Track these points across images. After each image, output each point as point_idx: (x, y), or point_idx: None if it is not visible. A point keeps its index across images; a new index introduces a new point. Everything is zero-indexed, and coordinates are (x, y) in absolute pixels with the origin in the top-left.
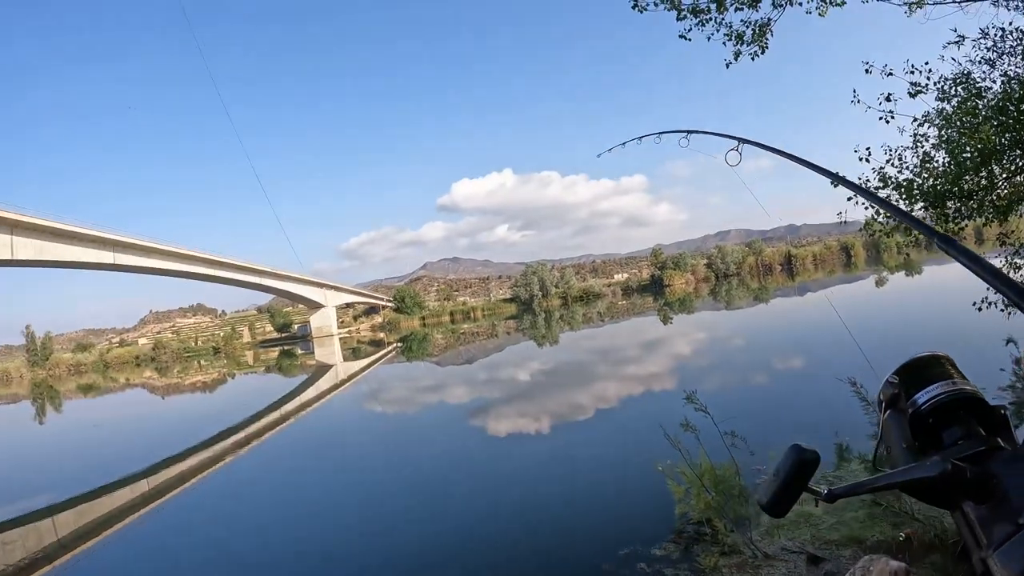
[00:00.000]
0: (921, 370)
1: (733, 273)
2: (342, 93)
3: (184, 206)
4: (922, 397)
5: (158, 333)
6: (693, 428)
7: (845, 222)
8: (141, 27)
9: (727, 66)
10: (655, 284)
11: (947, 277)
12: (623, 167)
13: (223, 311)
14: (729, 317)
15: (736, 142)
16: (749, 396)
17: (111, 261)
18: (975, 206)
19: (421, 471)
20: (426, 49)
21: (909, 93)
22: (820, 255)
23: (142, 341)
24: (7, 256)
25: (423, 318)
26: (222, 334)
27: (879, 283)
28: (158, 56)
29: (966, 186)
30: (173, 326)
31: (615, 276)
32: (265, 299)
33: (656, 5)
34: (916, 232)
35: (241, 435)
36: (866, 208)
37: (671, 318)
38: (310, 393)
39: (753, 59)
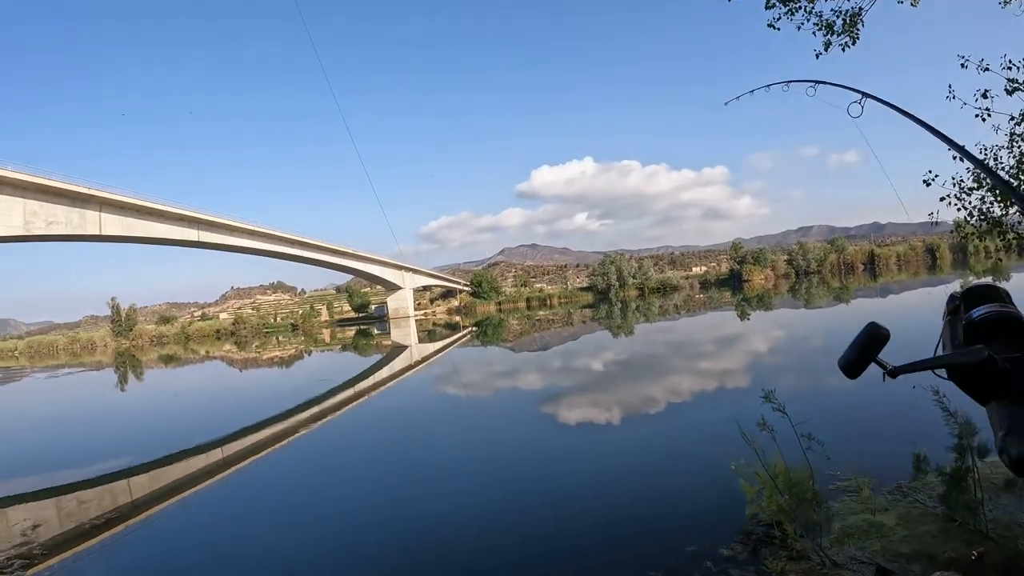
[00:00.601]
0: (981, 292)
1: (814, 271)
2: (429, 73)
3: (274, 183)
4: (977, 312)
5: (238, 308)
6: (769, 428)
7: (936, 223)
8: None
9: (816, 57)
10: (734, 279)
11: None
12: (705, 158)
13: (302, 289)
14: (809, 316)
15: (860, 96)
16: (827, 399)
17: (195, 239)
18: None
19: (490, 457)
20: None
21: (1006, 90)
22: (904, 256)
23: (223, 316)
24: (96, 232)
25: (499, 303)
26: (300, 311)
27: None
28: (265, 41)
29: None
30: (253, 302)
31: (693, 269)
32: (344, 279)
33: None
34: (1010, 236)
35: (315, 410)
36: (958, 209)
37: (749, 314)
38: (384, 373)
39: (844, 50)
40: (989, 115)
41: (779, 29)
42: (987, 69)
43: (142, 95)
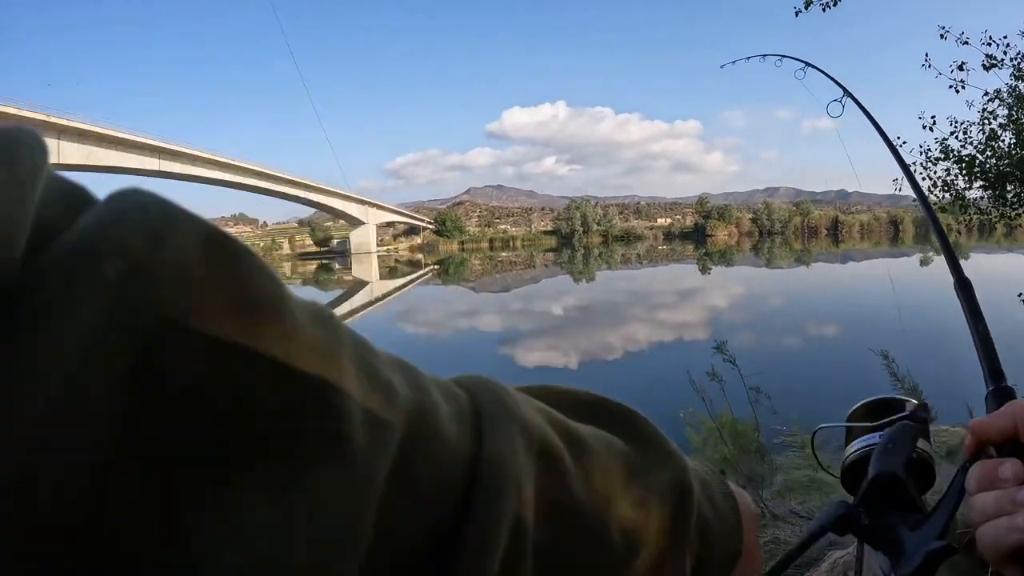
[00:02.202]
0: (864, 417)
1: (777, 231)
2: (398, 7)
3: (228, 121)
4: (855, 444)
5: None
6: (719, 379)
7: (900, 190)
8: None
9: (796, 14)
10: (698, 233)
11: (993, 267)
12: (678, 110)
13: (264, 222)
14: (768, 276)
15: (843, 94)
16: (779, 356)
17: (156, 168)
18: None
19: None
20: None
21: (983, 66)
22: (868, 225)
23: None
24: (54, 160)
25: (462, 243)
26: (262, 244)
27: (924, 263)
28: None
29: None
30: None
31: (658, 220)
32: (307, 213)
33: None
34: (971, 211)
35: None
36: (923, 179)
37: (710, 269)
38: (343, 308)
39: (824, 10)
40: (963, 87)
41: None
42: (966, 43)
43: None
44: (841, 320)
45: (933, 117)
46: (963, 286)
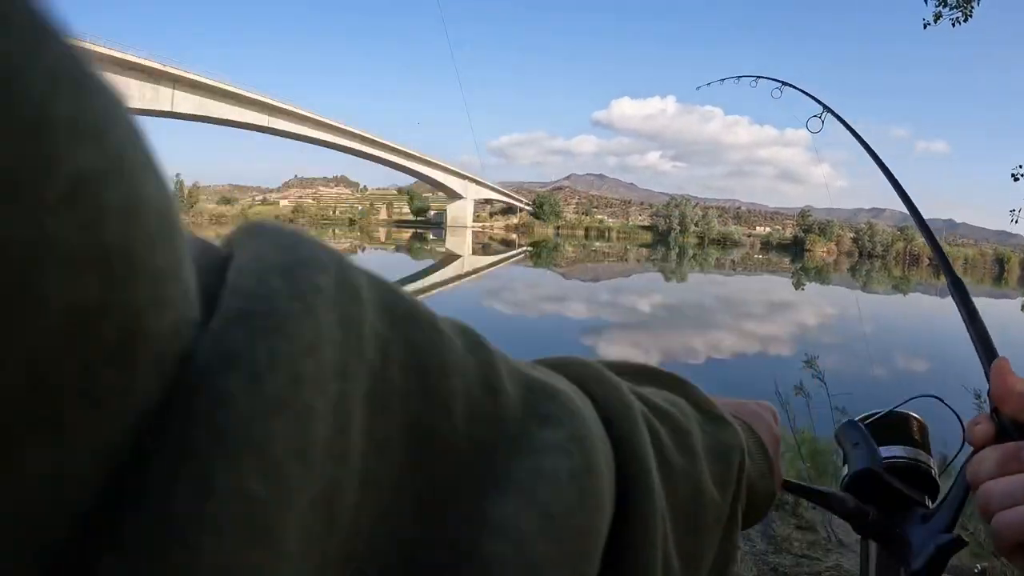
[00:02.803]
0: (884, 429)
1: (878, 255)
2: None
3: (337, 82)
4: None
5: (299, 198)
6: (805, 394)
7: (1015, 222)
8: None
9: (924, 27)
10: (796, 246)
11: None
12: (790, 119)
13: (364, 186)
14: (864, 299)
15: (821, 109)
16: (865, 382)
17: (265, 124)
18: None
19: None
20: None
21: None
22: (971, 260)
23: (283, 203)
24: (167, 108)
25: (558, 228)
26: (360, 208)
27: None
28: None
29: None
30: (315, 193)
31: (757, 228)
32: (406, 181)
33: None
34: None
35: None
36: None
37: (804, 285)
38: (433, 278)
39: (954, 25)
40: None
41: None
42: None
43: None
44: (932, 355)
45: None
46: (956, 287)
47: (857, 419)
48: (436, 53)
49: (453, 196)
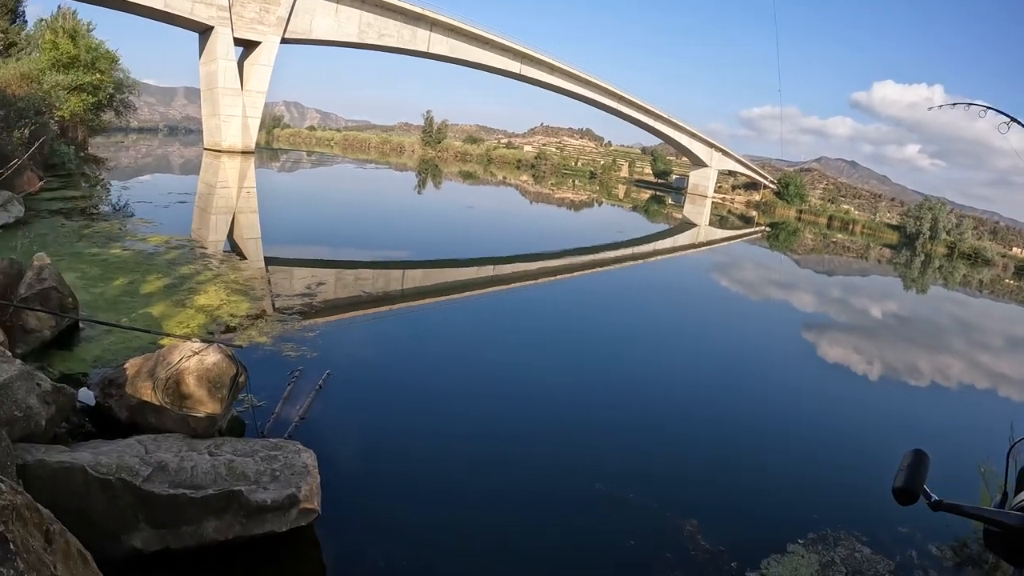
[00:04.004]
0: None
1: None
2: None
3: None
4: None
5: (543, 144)
6: None
7: None
8: None
9: None
10: None
11: None
12: None
13: (608, 141)
14: None
15: None
16: None
17: (516, 71)
18: None
19: (725, 369)
20: None
21: None
22: None
23: (527, 148)
24: (423, 49)
25: (800, 211)
26: (602, 162)
27: None
28: None
29: None
30: (559, 142)
31: (1014, 249)
32: (651, 142)
33: None
34: None
35: (587, 258)
36: None
37: None
38: (665, 243)
39: None
40: None
41: None
42: None
43: None
44: None
45: None
46: None
47: None
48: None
49: (697, 163)
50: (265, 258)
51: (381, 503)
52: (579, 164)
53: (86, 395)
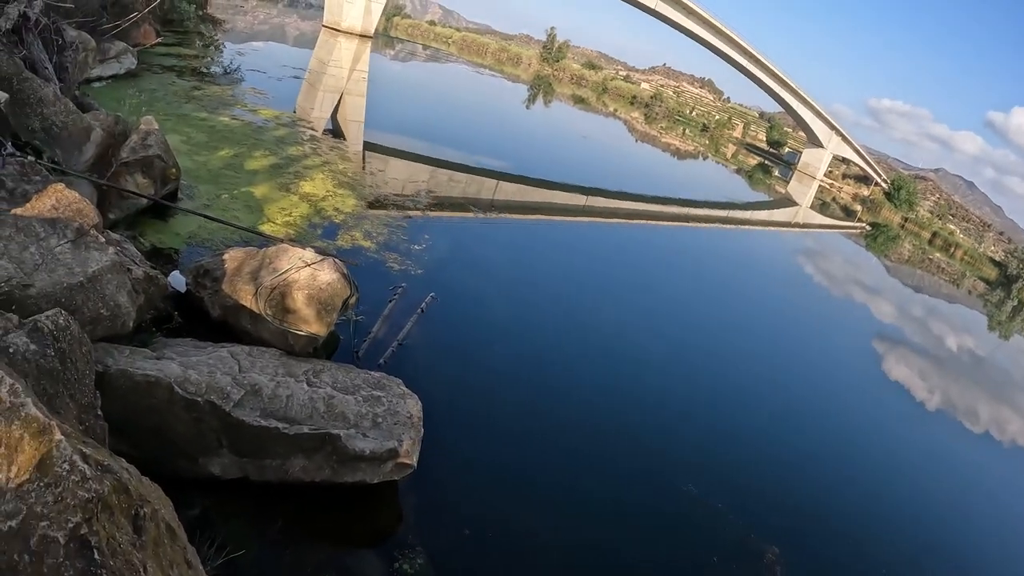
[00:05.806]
0: None
1: None
2: None
3: None
4: None
5: (661, 86)
6: None
7: None
8: None
9: None
10: None
11: None
12: None
13: (728, 98)
14: None
15: None
16: None
17: (652, 5)
18: None
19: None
20: None
21: None
22: None
23: (644, 86)
24: None
25: (905, 219)
26: (717, 117)
27: None
28: None
29: None
30: (678, 86)
31: None
32: (771, 108)
33: None
34: None
35: (679, 210)
36: None
37: None
38: (760, 215)
39: None
40: None
41: None
42: None
43: None
44: None
45: None
46: None
47: None
48: None
49: (813, 141)
50: (364, 143)
51: (478, 462)
52: (693, 113)
53: (177, 280)
